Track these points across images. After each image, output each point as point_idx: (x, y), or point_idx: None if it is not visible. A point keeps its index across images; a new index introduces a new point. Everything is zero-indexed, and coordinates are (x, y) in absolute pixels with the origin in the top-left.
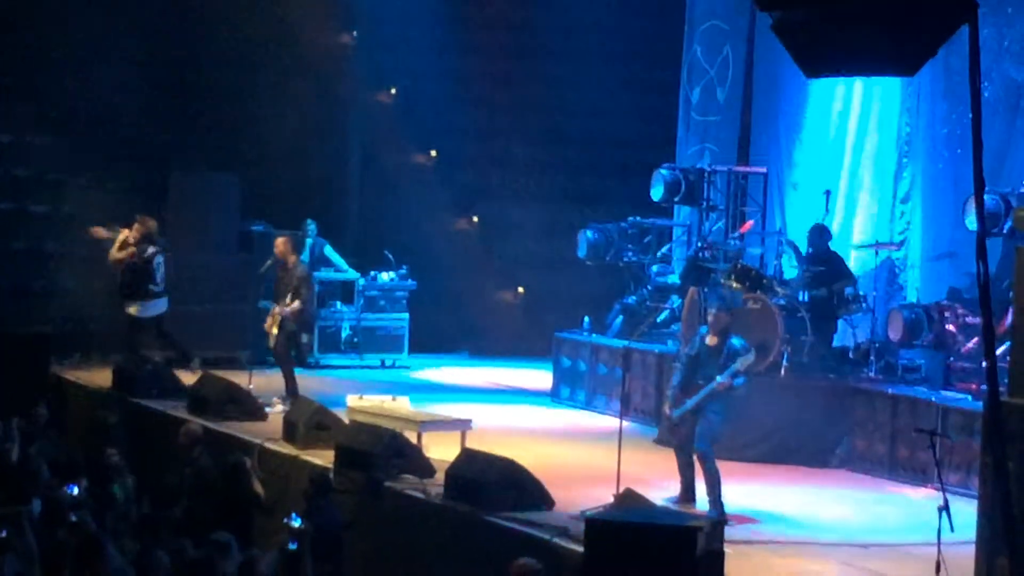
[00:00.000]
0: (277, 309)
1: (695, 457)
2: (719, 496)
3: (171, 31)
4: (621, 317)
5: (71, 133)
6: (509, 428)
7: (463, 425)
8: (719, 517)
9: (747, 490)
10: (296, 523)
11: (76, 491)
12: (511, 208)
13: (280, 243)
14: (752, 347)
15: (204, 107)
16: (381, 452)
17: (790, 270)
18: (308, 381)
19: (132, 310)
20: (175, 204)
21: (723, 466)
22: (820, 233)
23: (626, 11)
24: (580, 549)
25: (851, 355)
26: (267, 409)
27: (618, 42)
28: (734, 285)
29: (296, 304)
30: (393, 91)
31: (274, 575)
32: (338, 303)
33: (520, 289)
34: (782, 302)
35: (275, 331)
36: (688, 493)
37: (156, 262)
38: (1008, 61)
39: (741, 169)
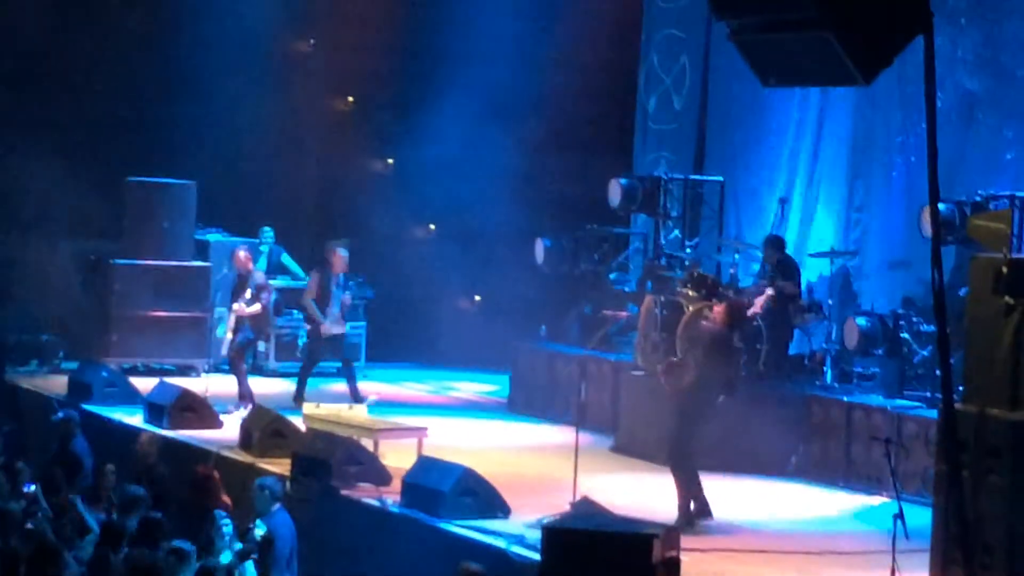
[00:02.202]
0: (236, 306)
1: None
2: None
3: (129, 36)
4: (577, 325)
5: (27, 140)
6: (466, 436)
7: (420, 433)
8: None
9: None
10: (260, 530)
11: (32, 488)
12: (468, 216)
13: (242, 256)
14: None
15: (161, 113)
16: (338, 460)
17: (746, 278)
18: (264, 389)
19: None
20: (131, 211)
21: None
22: (774, 244)
23: (583, 19)
24: (537, 557)
25: (807, 363)
26: (222, 416)
27: (575, 49)
28: (690, 293)
29: (256, 307)
30: (351, 99)
31: None
32: (295, 311)
33: (476, 297)
34: None
35: (230, 335)
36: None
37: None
38: (961, 71)
39: (697, 177)
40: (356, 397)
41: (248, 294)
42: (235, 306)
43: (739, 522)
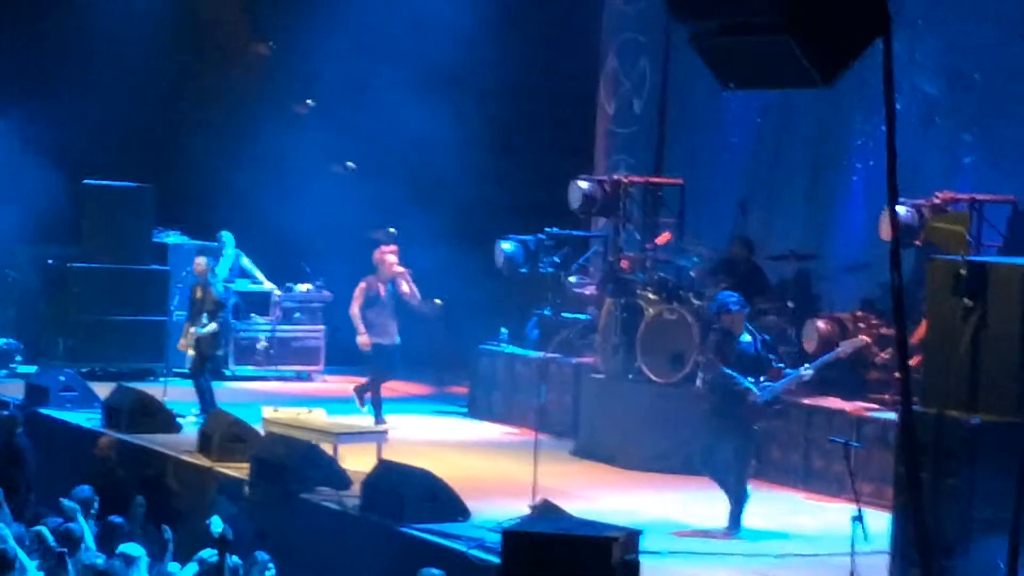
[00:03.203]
0: (193, 329)
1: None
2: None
3: (84, 37)
4: (538, 328)
5: None
6: (426, 440)
7: (379, 437)
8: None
9: (662, 500)
10: (217, 528)
11: None
12: (429, 218)
13: (201, 262)
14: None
15: (118, 115)
16: (296, 463)
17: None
18: (223, 393)
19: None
20: (89, 214)
21: (638, 477)
22: (742, 245)
23: (543, 22)
24: (497, 560)
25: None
26: (179, 421)
27: (535, 52)
28: (651, 296)
29: (214, 326)
30: (310, 101)
31: None
32: (254, 315)
33: (437, 300)
34: (699, 313)
35: (191, 352)
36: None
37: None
38: (920, 75)
39: (657, 180)
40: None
41: (206, 313)
42: (191, 330)
43: (698, 524)
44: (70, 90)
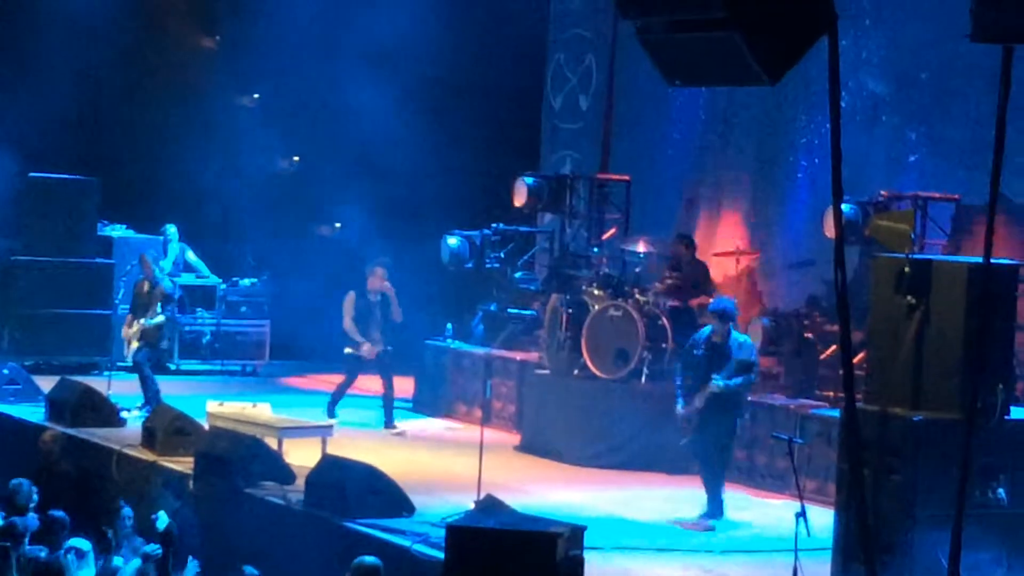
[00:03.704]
0: (142, 321)
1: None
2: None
3: (29, 29)
4: (483, 324)
5: None
6: (371, 434)
7: (324, 431)
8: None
9: (606, 497)
10: (162, 523)
11: None
12: (374, 213)
13: (148, 260)
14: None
15: (63, 108)
16: (241, 458)
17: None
18: (168, 386)
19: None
20: (34, 207)
21: (583, 472)
22: (683, 243)
23: (490, 18)
24: (441, 556)
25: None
26: (123, 415)
27: (481, 48)
28: (596, 292)
29: (162, 317)
30: (256, 95)
31: None
32: (199, 308)
33: None
34: (644, 310)
35: (136, 344)
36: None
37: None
38: (865, 72)
39: (603, 176)
40: (388, 421)
41: (158, 307)
42: (140, 321)
43: (642, 520)
44: (14, 83)
